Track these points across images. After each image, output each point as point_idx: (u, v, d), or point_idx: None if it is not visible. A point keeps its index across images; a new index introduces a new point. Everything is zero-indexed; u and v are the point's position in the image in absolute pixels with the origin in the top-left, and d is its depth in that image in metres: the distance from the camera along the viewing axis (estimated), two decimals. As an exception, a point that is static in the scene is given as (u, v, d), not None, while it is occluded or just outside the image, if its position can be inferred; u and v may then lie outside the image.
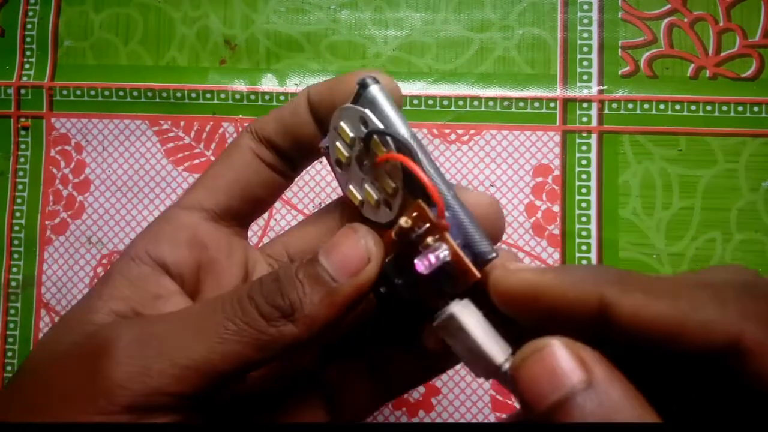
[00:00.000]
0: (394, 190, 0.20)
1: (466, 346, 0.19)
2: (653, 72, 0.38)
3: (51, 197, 0.40)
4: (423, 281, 0.19)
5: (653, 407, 0.16)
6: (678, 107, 0.38)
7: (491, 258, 0.19)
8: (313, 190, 0.39)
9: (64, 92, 0.40)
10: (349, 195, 0.22)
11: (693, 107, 0.38)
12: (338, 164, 0.22)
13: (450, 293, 0.19)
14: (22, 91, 0.40)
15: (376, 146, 0.20)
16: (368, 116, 0.20)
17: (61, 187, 0.40)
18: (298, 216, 0.38)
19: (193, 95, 0.39)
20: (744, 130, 0.38)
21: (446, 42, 0.39)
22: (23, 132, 0.40)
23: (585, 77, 0.38)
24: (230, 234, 0.24)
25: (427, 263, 0.18)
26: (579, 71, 0.38)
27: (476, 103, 0.38)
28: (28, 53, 0.41)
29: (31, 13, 0.41)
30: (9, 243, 0.39)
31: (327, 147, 0.22)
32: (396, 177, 0.20)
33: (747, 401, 0.17)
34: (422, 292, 0.20)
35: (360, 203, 0.22)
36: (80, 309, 0.22)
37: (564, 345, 0.17)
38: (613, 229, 0.37)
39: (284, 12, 0.40)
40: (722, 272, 0.18)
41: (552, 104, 0.38)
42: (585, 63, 0.38)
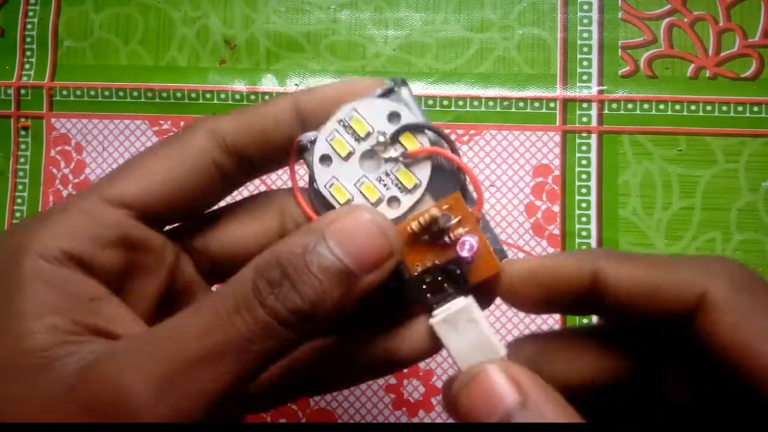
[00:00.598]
0: (415, 186, 0.21)
1: (471, 339, 0.20)
2: (653, 72, 0.38)
3: (51, 197, 0.40)
4: (425, 280, 0.21)
5: (586, 419, 0.17)
6: (678, 107, 0.38)
7: (506, 255, 0.21)
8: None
9: (64, 92, 0.40)
10: (334, 192, 0.21)
11: (693, 107, 0.38)
12: (323, 160, 0.22)
13: (451, 292, 0.21)
14: (22, 91, 0.40)
15: (408, 140, 0.21)
16: (404, 111, 0.21)
17: (61, 187, 0.40)
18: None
19: (193, 95, 0.39)
20: (744, 130, 0.38)
21: (446, 42, 0.39)
22: (23, 132, 0.40)
23: (585, 77, 0.38)
24: (156, 232, 0.22)
25: (470, 247, 0.20)
26: (579, 71, 0.38)
27: (476, 103, 0.38)
28: (28, 53, 0.41)
29: (31, 13, 0.41)
30: (9, 243, 0.39)
31: (310, 142, 0.21)
32: (423, 172, 0.21)
33: (709, 367, 0.18)
34: (426, 290, 0.21)
35: (347, 201, 0.21)
36: (3, 334, 0.18)
37: (499, 368, 0.18)
38: (613, 229, 0.37)
39: (284, 12, 0.40)
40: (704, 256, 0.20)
41: (552, 104, 0.38)
42: (585, 63, 0.38)
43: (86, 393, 0.17)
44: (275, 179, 0.39)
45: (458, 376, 0.19)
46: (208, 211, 0.24)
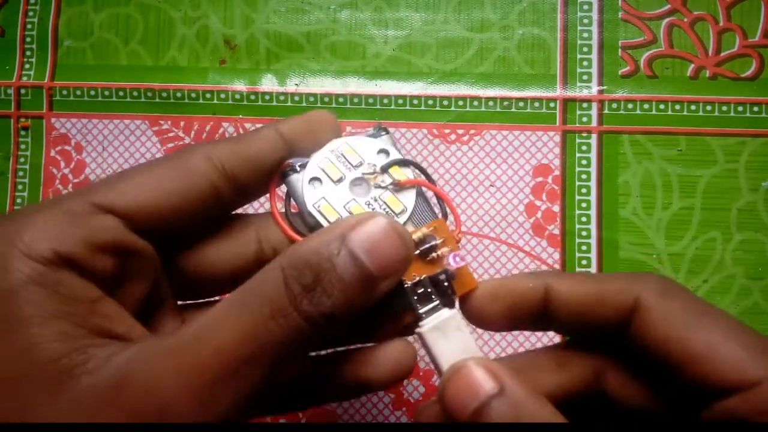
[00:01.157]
0: (402, 210, 0.24)
1: (457, 345, 0.22)
2: (653, 72, 0.38)
3: (51, 197, 0.40)
4: (417, 291, 0.23)
5: (555, 408, 0.19)
6: (678, 107, 0.38)
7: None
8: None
9: (64, 92, 0.40)
10: (323, 210, 0.24)
11: (693, 107, 0.38)
12: (313, 181, 0.24)
13: (437, 303, 0.23)
14: (22, 91, 0.40)
15: (397, 172, 0.24)
16: (391, 149, 0.25)
17: (61, 187, 0.40)
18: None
19: (193, 95, 0.39)
20: (744, 130, 0.38)
21: (446, 42, 0.39)
22: (23, 132, 0.40)
23: (585, 77, 0.38)
24: (145, 241, 0.22)
25: (458, 260, 0.23)
26: (579, 71, 0.38)
27: (476, 103, 0.38)
28: (28, 53, 0.41)
29: (31, 13, 0.41)
30: (9, 243, 0.39)
31: (299, 165, 0.24)
32: (408, 199, 0.24)
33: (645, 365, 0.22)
34: (416, 300, 0.23)
35: (336, 220, 0.23)
36: (6, 347, 0.17)
37: (478, 363, 0.20)
38: (613, 229, 0.37)
39: (284, 12, 0.40)
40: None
41: (552, 104, 0.38)
42: (585, 63, 0.38)
43: (127, 406, 0.17)
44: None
45: (444, 372, 0.21)
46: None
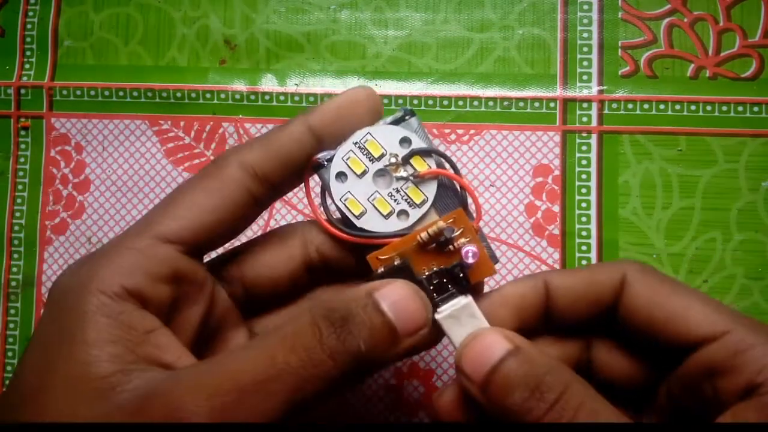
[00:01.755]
0: (423, 201, 0.24)
1: (470, 331, 0.23)
2: (653, 72, 0.38)
3: (51, 197, 0.40)
4: (433, 281, 0.24)
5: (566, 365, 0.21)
6: (678, 107, 0.38)
7: (498, 260, 0.26)
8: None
9: (64, 92, 0.40)
10: (348, 205, 0.24)
11: (693, 107, 0.38)
12: (339, 176, 0.24)
13: (454, 291, 0.24)
14: (22, 91, 0.40)
15: (418, 163, 0.24)
16: (413, 137, 0.24)
17: (61, 187, 0.40)
18: (298, 216, 0.38)
19: (193, 95, 0.39)
20: (744, 130, 0.38)
21: (446, 42, 0.39)
22: (23, 132, 0.40)
23: (585, 77, 0.38)
24: (199, 264, 0.24)
25: (474, 255, 0.24)
26: (579, 71, 0.38)
27: (476, 103, 0.38)
28: (28, 53, 0.41)
29: (31, 13, 0.41)
30: (9, 243, 0.39)
31: (326, 160, 0.24)
32: (430, 190, 0.24)
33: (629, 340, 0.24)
34: (432, 290, 0.24)
35: (360, 213, 0.24)
36: (69, 361, 0.20)
37: (494, 330, 0.23)
38: (613, 229, 0.37)
39: (284, 12, 0.40)
40: None
41: (552, 104, 0.38)
42: (585, 63, 0.38)
43: (145, 416, 0.19)
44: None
45: (462, 341, 0.23)
46: (239, 245, 0.27)
